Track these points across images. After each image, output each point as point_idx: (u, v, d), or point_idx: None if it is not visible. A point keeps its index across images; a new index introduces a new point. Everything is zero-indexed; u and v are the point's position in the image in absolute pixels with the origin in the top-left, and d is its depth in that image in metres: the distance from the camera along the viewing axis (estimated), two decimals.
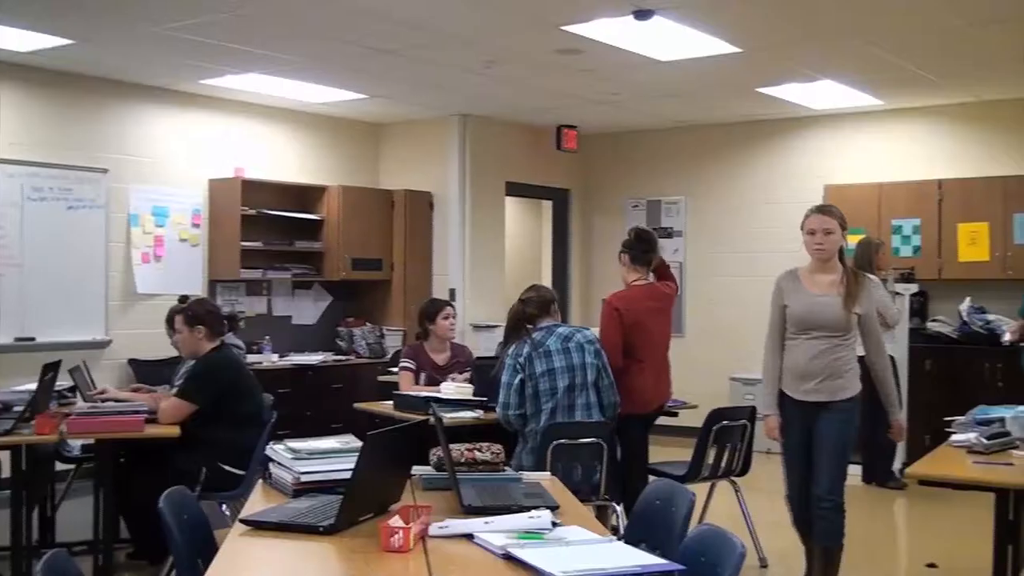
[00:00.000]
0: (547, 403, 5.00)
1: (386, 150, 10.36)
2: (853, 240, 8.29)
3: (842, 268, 4.90)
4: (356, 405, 6.19)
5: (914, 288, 8.45)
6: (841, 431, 4.83)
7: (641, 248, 5.80)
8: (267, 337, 8.94)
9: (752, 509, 5.91)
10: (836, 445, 4.81)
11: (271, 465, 3.55)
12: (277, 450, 3.53)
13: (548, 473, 4.17)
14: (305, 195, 9.39)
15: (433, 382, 6.17)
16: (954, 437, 4.52)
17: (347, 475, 3.07)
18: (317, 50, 7.16)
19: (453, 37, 6.77)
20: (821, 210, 4.91)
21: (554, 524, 2.91)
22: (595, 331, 5.36)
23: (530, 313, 5.31)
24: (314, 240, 9.36)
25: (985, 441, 4.29)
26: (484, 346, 9.00)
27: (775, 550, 5.79)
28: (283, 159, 9.44)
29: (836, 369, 4.83)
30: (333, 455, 3.42)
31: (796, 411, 4.91)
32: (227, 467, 5.19)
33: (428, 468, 3.68)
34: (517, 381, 5.04)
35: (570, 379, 5.06)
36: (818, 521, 4.82)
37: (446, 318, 6.39)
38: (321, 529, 2.89)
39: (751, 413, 5.83)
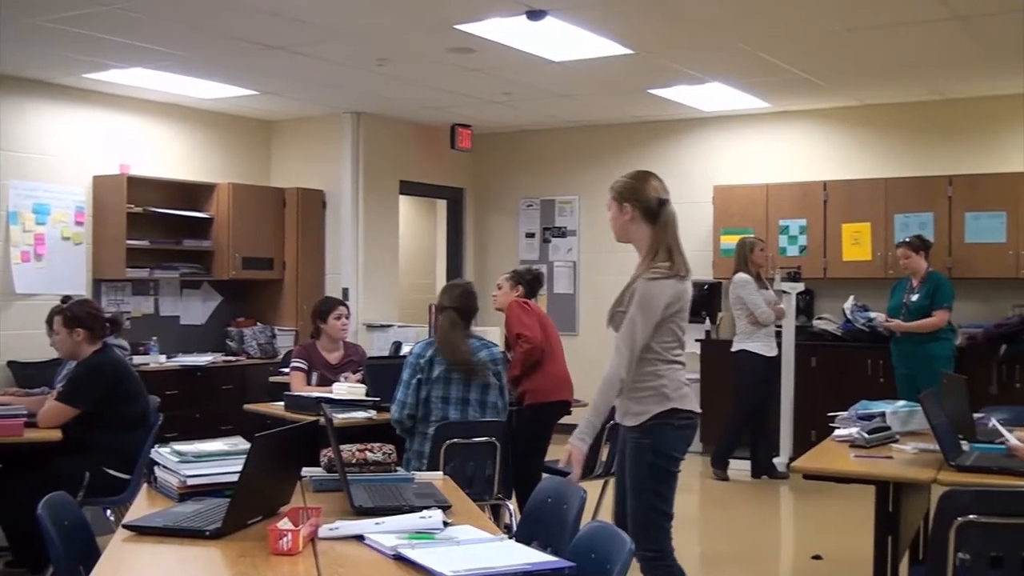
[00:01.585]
0: (437, 410, 4.95)
1: (277, 147, 10.21)
2: (732, 240, 8.57)
3: (644, 255, 3.94)
4: (246, 406, 6.11)
5: (800, 287, 8.67)
6: (632, 466, 3.88)
7: (536, 288, 6.29)
8: (154, 338, 8.73)
9: None
10: (632, 484, 3.88)
11: (156, 469, 3.47)
12: (162, 453, 3.46)
13: (441, 473, 4.15)
14: (193, 193, 9.19)
15: (325, 381, 6.11)
16: (837, 432, 4.65)
17: (235, 478, 3.02)
18: (205, 45, 7.02)
19: (345, 34, 6.71)
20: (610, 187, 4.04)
21: (445, 524, 2.91)
22: (499, 349, 5.30)
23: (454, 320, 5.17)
24: (203, 239, 9.18)
25: (866, 436, 4.42)
26: (378, 346, 8.96)
27: None
28: (170, 156, 9.23)
29: (627, 383, 3.84)
30: (220, 458, 3.36)
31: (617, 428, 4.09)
32: (112, 471, 5.05)
33: (319, 469, 3.64)
34: (415, 380, 5.00)
35: (463, 393, 5.00)
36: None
37: (338, 318, 6.34)
38: (207, 533, 2.83)
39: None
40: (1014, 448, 3.77)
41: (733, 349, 8.25)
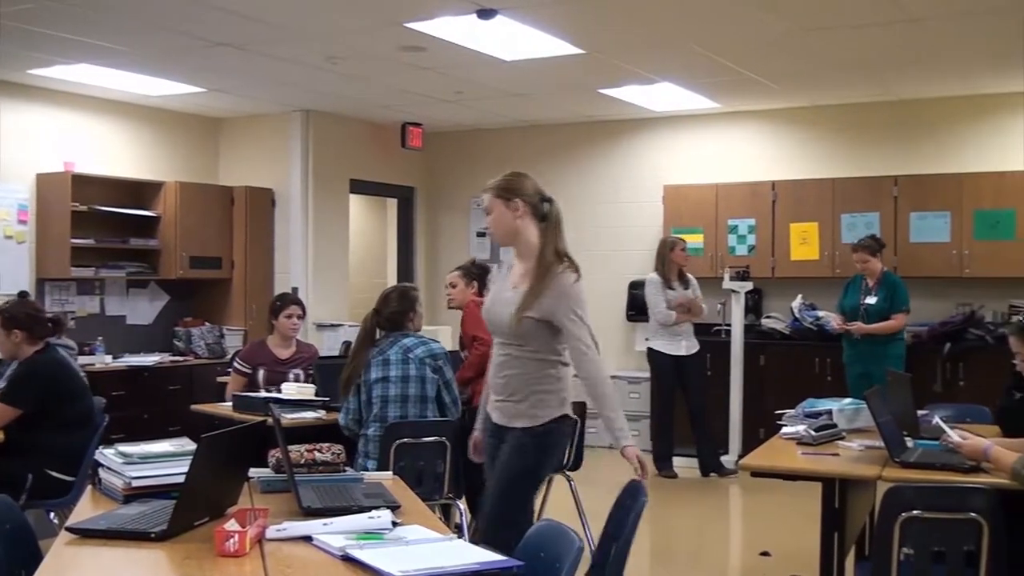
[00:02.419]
0: (377, 409, 4.90)
1: (226, 145, 10.12)
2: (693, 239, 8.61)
3: (537, 257, 3.88)
4: (194, 407, 6.05)
5: (749, 286, 8.75)
6: (508, 464, 3.85)
7: (485, 280, 6.22)
8: (100, 338, 8.60)
9: (586, 502, 6.00)
10: (499, 479, 3.89)
11: (101, 470, 3.42)
12: (107, 454, 3.40)
13: (390, 473, 4.14)
14: (140, 191, 9.08)
15: (274, 377, 6.05)
16: (785, 430, 4.69)
17: (181, 479, 2.98)
18: (152, 41, 6.93)
19: (293, 31, 6.65)
20: (485, 189, 4.00)
21: (394, 524, 2.90)
22: (441, 345, 5.23)
23: (382, 324, 5.13)
24: (150, 237, 9.07)
25: (813, 433, 4.46)
26: (328, 345, 8.90)
27: None
28: (117, 153, 9.10)
29: (517, 388, 3.85)
30: (166, 459, 3.32)
31: (492, 431, 4.03)
32: (55, 473, 4.98)
33: (267, 470, 3.60)
34: (355, 385, 4.97)
35: (401, 391, 4.93)
36: None
37: (289, 316, 6.28)
38: (152, 535, 2.80)
39: (582, 409, 5.93)
40: (956, 445, 3.82)
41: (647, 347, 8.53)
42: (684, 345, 8.31)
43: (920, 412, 4.73)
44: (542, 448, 3.87)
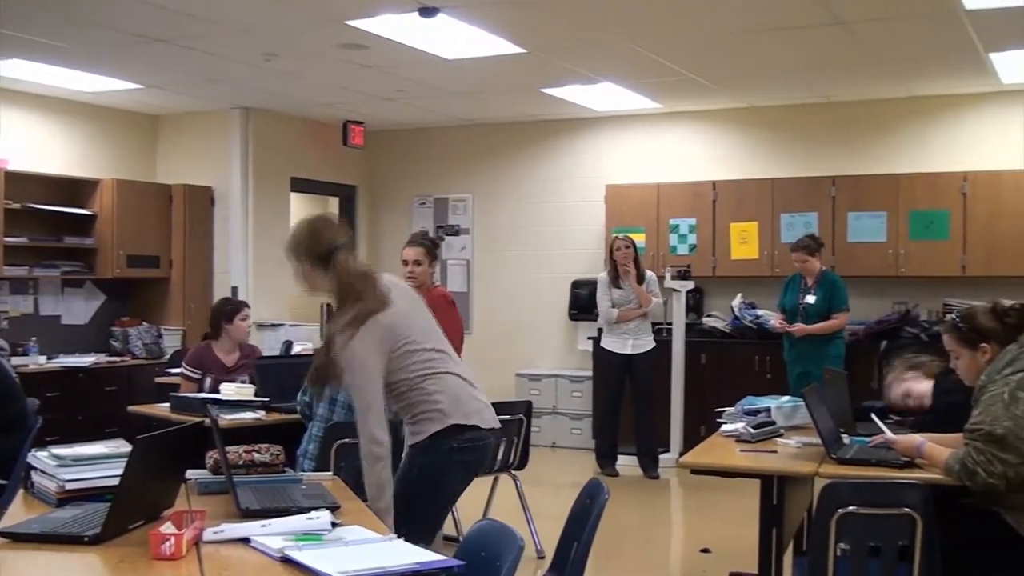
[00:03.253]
0: (325, 410, 4.84)
1: (164, 143, 9.98)
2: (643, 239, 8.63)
3: (336, 301, 3.75)
4: (131, 408, 5.96)
5: (690, 285, 8.82)
6: (399, 479, 3.65)
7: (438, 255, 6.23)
8: (34, 338, 8.44)
9: (531, 501, 6.01)
10: (396, 494, 3.60)
11: (33, 473, 3.36)
12: (40, 457, 3.34)
13: (330, 473, 4.11)
14: (75, 189, 8.93)
15: (220, 384, 5.96)
16: (724, 427, 4.73)
17: (116, 482, 2.93)
18: (86, 36, 6.82)
19: (230, 27, 6.58)
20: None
21: (334, 525, 2.87)
22: None
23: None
24: (86, 236, 8.92)
25: (752, 430, 4.51)
26: (268, 345, 8.82)
27: (553, 540, 5.89)
28: (51, 150, 8.94)
29: (404, 417, 3.77)
30: (100, 461, 3.27)
31: None
32: None
33: (204, 471, 3.56)
34: None
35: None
36: None
37: (244, 319, 6.23)
38: (86, 539, 2.75)
39: (527, 408, 5.95)
40: (891, 441, 3.88)
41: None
42: (631, 344, 8.30)
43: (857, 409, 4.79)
44: (425, 462, 3.65)
